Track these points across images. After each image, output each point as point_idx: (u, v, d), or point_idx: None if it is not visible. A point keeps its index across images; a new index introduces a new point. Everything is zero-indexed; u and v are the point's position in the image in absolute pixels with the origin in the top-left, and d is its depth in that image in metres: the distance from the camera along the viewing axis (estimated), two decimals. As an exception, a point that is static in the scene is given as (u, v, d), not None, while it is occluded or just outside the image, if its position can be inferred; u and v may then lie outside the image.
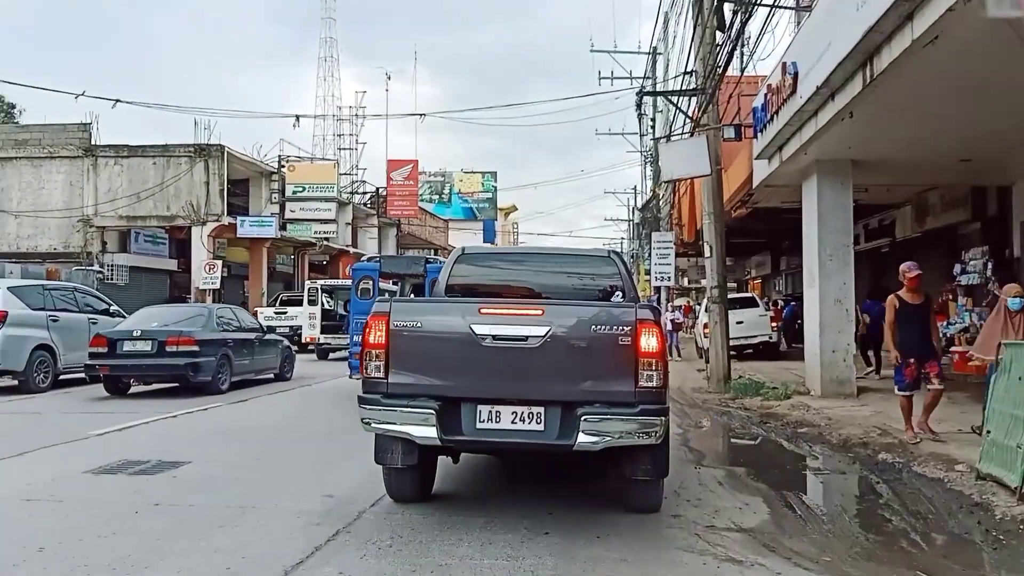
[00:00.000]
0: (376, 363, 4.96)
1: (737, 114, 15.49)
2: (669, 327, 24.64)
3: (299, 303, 26.41)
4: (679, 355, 23.94)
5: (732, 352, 15.86)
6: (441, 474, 6.08)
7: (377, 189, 44.28)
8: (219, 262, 27.17)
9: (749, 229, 26.66)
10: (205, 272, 26.75)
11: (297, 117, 23.49)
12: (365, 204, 43.80)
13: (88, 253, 26.99)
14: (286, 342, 16.48)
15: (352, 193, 42.97)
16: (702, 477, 7.02)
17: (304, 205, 31.60)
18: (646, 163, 36.86)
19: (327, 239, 34.05)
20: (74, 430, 8.90)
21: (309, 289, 25.04)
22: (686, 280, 50.67)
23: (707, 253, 15.43)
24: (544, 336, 4.85)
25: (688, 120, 15.99)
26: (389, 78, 75.28)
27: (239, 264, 32.61)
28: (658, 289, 34.57)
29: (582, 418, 4.76)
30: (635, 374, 4.82)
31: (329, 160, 31.96)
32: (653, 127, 34.79)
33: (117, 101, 20.00)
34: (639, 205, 42.32)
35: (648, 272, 45.43)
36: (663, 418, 4.92)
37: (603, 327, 4.90)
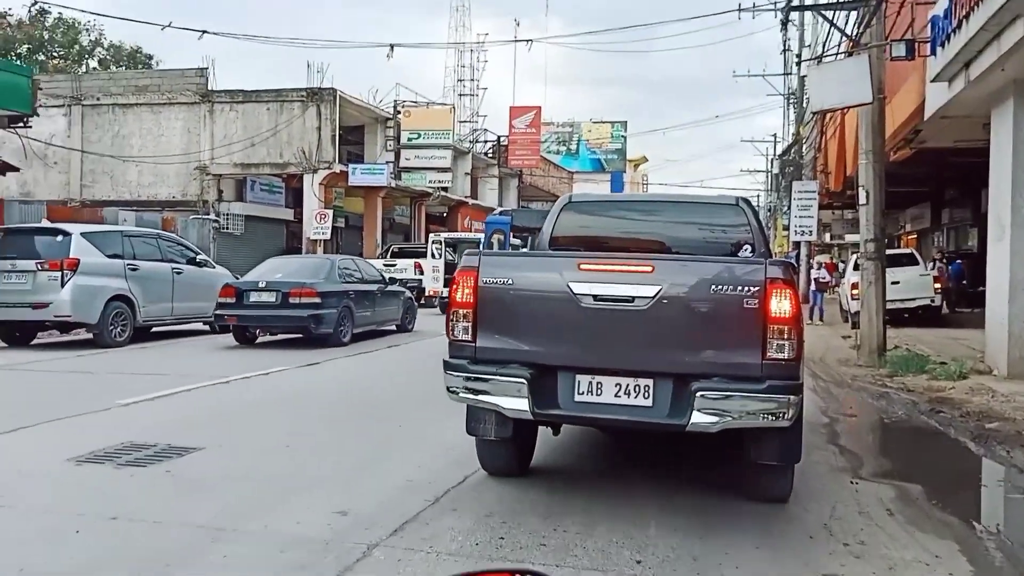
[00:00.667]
0: (463, 324, 4.48)
1: (909, 27, 12.73)
2: (812, 287, 21.90)
3: (411, 255, 25.44)
4: (821, 319, 21.24)
5: (886, 317, 13.38)
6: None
7: (499, 138, 42.77)
8: (330, 212, 26.38)
9: (906, 176, 23.38)
10: (316, 222, 26.07)
11: (392, 47, 21.65)
12: (486, 154, 42.41)
13: (204, 202, 26.80)
14: (408, 293, 16.42)
15: (473, 142, 41.68)
16: (862, 499, 5.07)
17: (419, 153, 30.39)
18: (789, 104, 33.50)
19: (444, 189, 32.84)
20: (106, 397, 7.80)
21: (433, 242, 24.39)
22: (828, 235, 46.71)
23: (862, 200, 12.94)
24: (654, 297, 4.22)
25: (846, 39, 13.35)
26: (518, 24, 72.39)
27: (356, 214, 31.97)
28: (798, 244, 31.55)
29: (697, 394, 4.09)
30: (763, 343, 4.11)
31: (445, 104, 30.51)
32: (799, 59, 31.35)
33: (204, 32, 19.12)
34: (779, 153, 38.83)
35: (787, 227, 42.49)
36: (796, 396, 4.17)
37: (725, 287, 4.17)
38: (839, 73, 11.85)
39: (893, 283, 17.65)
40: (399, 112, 30.60)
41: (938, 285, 18.16)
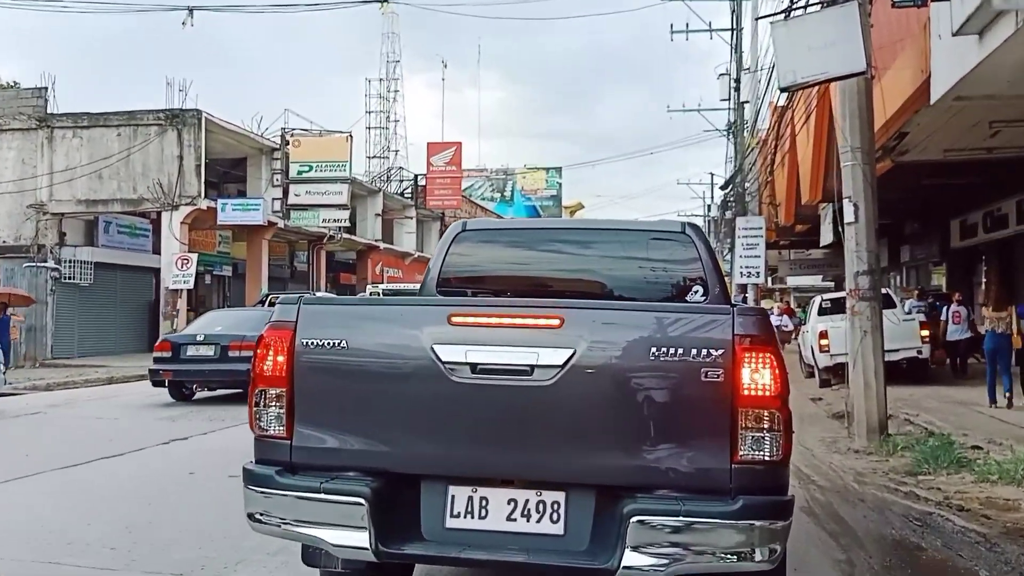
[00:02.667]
0: (273, 411, 3.19)
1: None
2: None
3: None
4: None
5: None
6: None
7: (416, 177, 39.08)
8: (194, 256, 21.94)
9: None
10: (177, 268, 21.63)
11: (191, 10, 17.58)
12: (402, 194, 38.58)
13: (40, 246, 22.14)
14: None
15: (387, 180, 37.90)
16: None
17: (311, 188, 26.17)
18: (731, 131, 30.38)
19: (349, 230, 28.65)
20: None
21: (371, 293, 21.61)
22: (769, 280, 43.56)
23: (848, 217, 9.29)
24: (564, 366, 2.98)
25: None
26: (446, 66, 69.91)
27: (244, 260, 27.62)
28: (744, 288, 28.18)
29: (631, 519, 2.83)
30: (732, 437, 2.89)
31: (340, 132, 26.47)
32: (737, 83, 28.34)
33: None
34: (721, 184, 35.68)
35: (728, 272, 39.49)
36: (784, 522, 2.89)
37: (673, 349, 2.96)
38: (817, 30, 8.21)
39: (871, 331, 14.19)
40: (287, 142, 26.45)
41: (925, 332, 14.58)
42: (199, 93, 56.89)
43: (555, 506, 3.09)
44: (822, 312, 15.77)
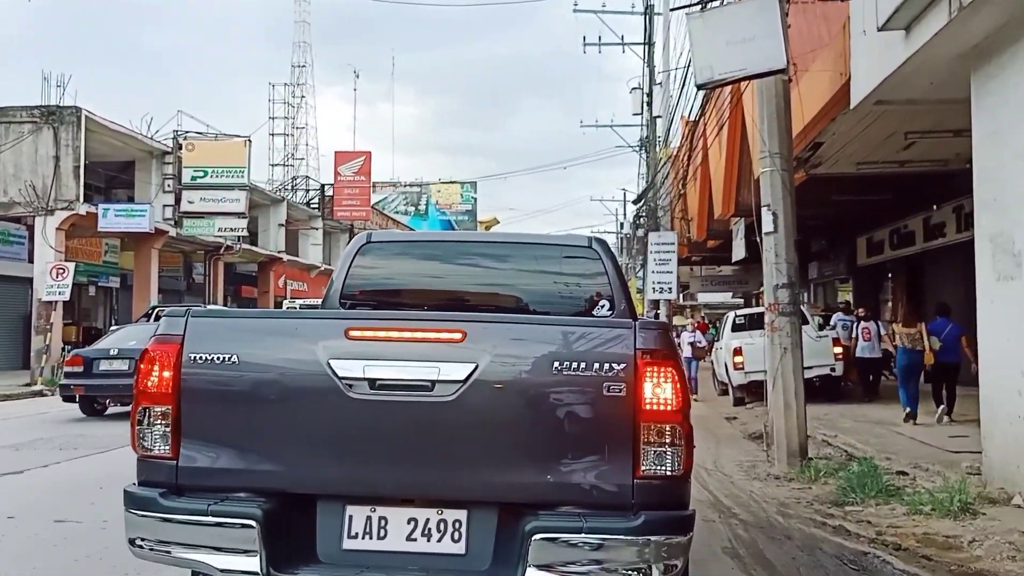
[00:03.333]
0: (157, 429, 3.07)
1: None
2: (688, 353, 17.65)
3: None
4: (695, 393, 17.04)
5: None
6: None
7: (323, 187, 37.71)
8: (70, 265, 20.11)
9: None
10: (52, 278, 19.79)
11: None
12: (308, 204, 37.12)
13: None
14: None
15: (292, 189, 36.42)
16: None
17: (206, 195, 24.55)
18: (643, 146, 30.18)
19: (239, 238, 27.05)
20: None
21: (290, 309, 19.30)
22: (680, 297, 43.67)
23: (767, 227, 8.75)
24: (466, 380, 2.95)
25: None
26: (357, 76, 68.22)
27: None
28: (656, 304, 27.92)
29: (533, 537, 2.83)
30: (634, 451, 2.91)
31: (239, 136, 24.94)
32: (649, 97, 28.21)
33: None
34: (633, 199, 35.53)
35: (640, 290, 39.36)
36: (684, 537, 2.93)
37: (576, 363, 2.95)
38: (736, 24, 7.62)
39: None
40: (180, 145, 24.81)
41: (838, 349, 14.27)
42: (93, 92, 53.63)
43: (456, 525, 3.05)
44: (736, 328, 15.36)
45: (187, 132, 25.31)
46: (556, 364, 2.96)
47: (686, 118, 22.70)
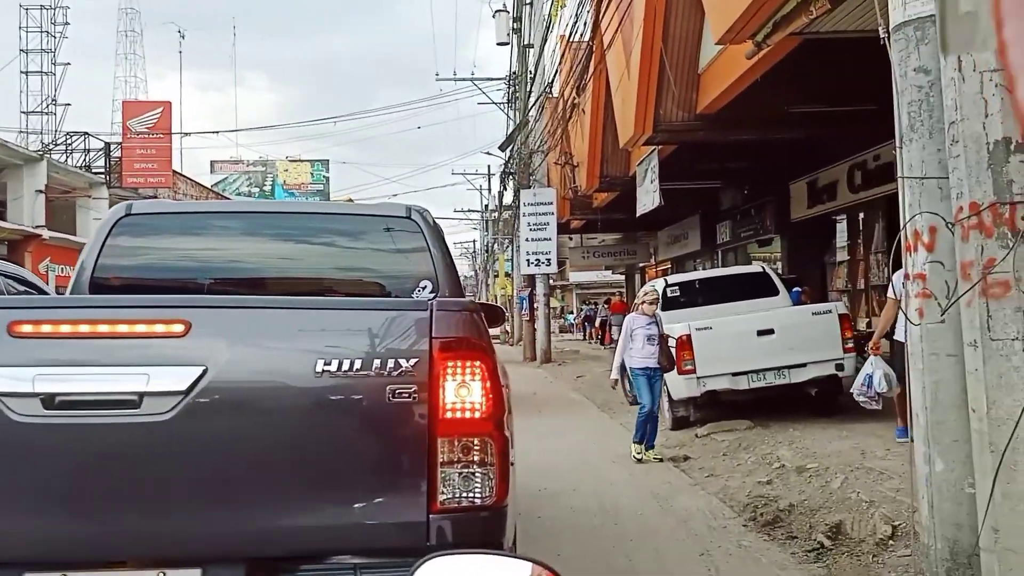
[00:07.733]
0: None
1: None
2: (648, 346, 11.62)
3: None
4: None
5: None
6: None
7: (108, 145, 29.99)
8: None
9: (692, 166, 14.65)
10: None
11: None
12: (87, 167, 29.36)
13: None
14: None
15: (60, 145, 28.72)
16: None
17: None
18: (511, 83, 24.25)
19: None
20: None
21: None
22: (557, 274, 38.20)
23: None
24: (188, 391, 2.28)
25: None
26: (183, 37, 60.35)
27: None
28: (532, 280, 22.27)
29: None
30: (430, 476, 2.36)
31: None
32: (517, 26, 22.33)
33: None
34: (500, 145, 29.87)
35: (509, 273, 33.77)
36: None
37: (347, 363, 2.36)
38: None
39: (761, 333, 8.44)
40: None
41: (848, 332, 8.79)
42: None
43: None
44: (672, 305, 9.48)
45: None
46: (321, 364, 2.35)
47: (565, 37, 17.20)
